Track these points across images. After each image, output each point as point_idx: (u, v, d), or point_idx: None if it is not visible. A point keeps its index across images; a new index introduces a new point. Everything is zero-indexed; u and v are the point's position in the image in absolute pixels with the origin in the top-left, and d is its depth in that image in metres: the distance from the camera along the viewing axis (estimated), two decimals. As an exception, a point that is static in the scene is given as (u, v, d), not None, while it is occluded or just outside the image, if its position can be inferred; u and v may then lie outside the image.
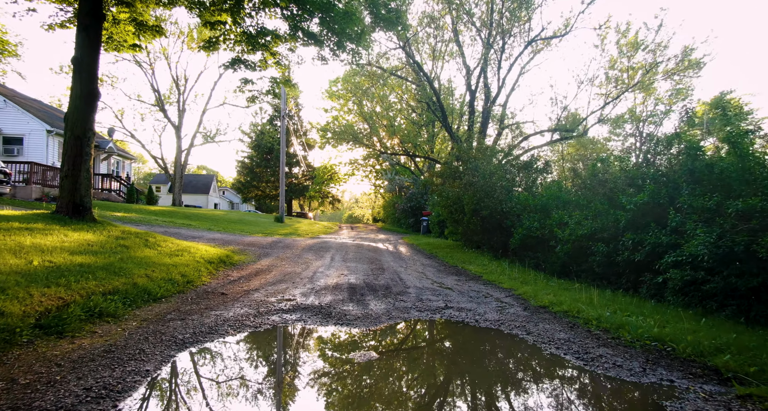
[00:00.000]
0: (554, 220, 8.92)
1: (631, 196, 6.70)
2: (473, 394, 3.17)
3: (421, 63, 25.33)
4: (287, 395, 3.09)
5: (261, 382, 3.27)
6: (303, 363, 3.73)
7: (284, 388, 3.20)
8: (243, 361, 3.69)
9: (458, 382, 3.42)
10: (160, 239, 9.07)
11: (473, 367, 3.62)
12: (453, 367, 3.71)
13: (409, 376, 3.58)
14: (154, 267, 6.56)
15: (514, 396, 3.07)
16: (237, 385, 3.18)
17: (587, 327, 4.56)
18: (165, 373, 3.24)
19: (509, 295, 6.74)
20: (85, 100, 8.53)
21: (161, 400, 2.86)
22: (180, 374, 3.29)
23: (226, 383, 3.19)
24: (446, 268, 10.27)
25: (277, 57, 10.55)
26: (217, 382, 3.20)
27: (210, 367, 3.50)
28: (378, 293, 6.77)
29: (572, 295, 6.21)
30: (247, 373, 3.40)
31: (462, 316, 5.39)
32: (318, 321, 5.03)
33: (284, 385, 3.26)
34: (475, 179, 12.11)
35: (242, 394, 3.04)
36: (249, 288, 6.79)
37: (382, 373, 3.55)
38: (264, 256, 10.70)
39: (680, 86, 30.53)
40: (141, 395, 2.83)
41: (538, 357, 3.82)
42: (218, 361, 3.65)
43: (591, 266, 7.75)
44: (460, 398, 3.14)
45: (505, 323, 4.99)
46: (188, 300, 5.64)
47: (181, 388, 3.08)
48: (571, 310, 5.19)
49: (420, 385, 3.39)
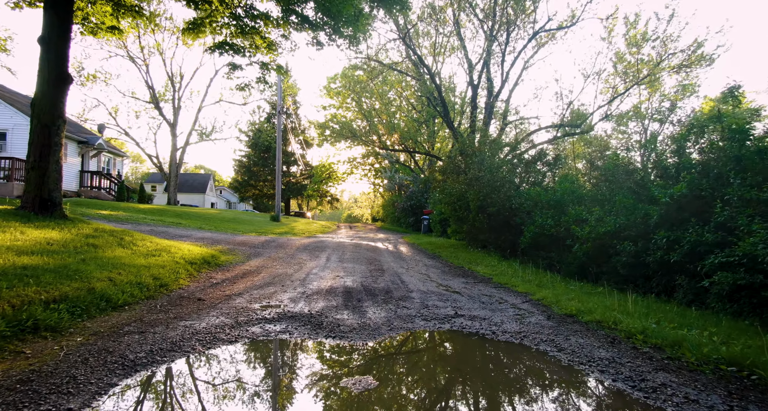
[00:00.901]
0: (571, 216, 8.13)
1: (665, 188, 5.91)
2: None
3: (422, 56, 24.52)
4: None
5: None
6: (281, 393, 2.93)
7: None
8: (204, 391, 2.88)
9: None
10: (137, 238, 8.27)
11: (499, 396, 2.83)
12: (473, 399, 2.91)
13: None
14: (123, 269, 5.76)
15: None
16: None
17: (632, 342, 3.76)
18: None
19: (526, 301, 5.94)
20: (53, 85, 7.72)
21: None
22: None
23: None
24: (451, 270, 9.47)
25: (267, 41, 9.73)
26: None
27: (159, 400, 2.70)
28: (377, 298, 5.97)
29: (600, 300, 5.42)
30: (208, 409, 2.60)
31: (476, 327, 4.59)
32: (306, 333, 4.23)
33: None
34: (482, 174, 11.31)
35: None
36: (232, 292, 5.99)
37: (383, 408, 2.75)
38: (254, 256, 9.90)
39: (686, 82, 29.82)
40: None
41: (580, 385, 3.03)
42: (172, 390, 2.85)
43: (614, 267, 6.97)
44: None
45: (529, 336, 4.19)
46: (156, 307, 4.84)
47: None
48: (605, 320, 4.39)
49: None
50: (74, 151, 22.07)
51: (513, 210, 10.65)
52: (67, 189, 21.22)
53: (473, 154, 12.45)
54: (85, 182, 22.81)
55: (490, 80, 23.41)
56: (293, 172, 54.72)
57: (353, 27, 10.06)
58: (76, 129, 24.55)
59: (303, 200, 59.88)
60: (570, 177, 10.67)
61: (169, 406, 2.62)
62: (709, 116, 6.35)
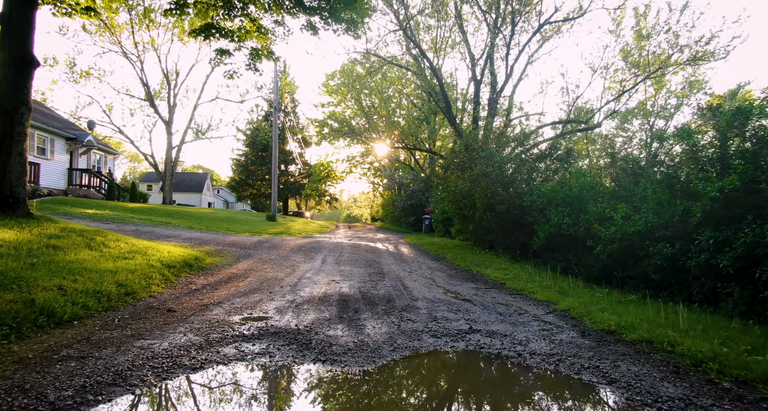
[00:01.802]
0: (592, 214, 7.33)
1: (712, 181, 5.11)
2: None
3: (423, 49, 23.69)
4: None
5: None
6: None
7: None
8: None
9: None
10: (111, 238, 7.47)
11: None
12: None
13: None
14: (82, 274, 4.96)
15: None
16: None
17: (703, 373, 2.96)
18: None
19: (550, 311, 5.15)
20: (14, 68, 6.91)
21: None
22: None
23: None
24: (458, 273, 8.67)
25: (258, 24, 8.92)
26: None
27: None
28: (377, 308, 5.18)
29: (639, 312, 4.62)
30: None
31: (497, 346, 3.80)
32: (291, 355, 3.45)
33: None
34: (490, 169, 10.50)
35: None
36: (210, 301, 5.20)
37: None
38: (244, 257, 9.11)
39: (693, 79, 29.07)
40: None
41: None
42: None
43: (644, 271, 6.17)
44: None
45: (565, 360, 3.40)
46: (113, 322, 4.04)
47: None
48: (656, 340, 3.60)
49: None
50: (62, 148, 21.25)
51: (524, 208, 9.85)
52: (55, 187, 20.41)
53: (480, 149, 11.65)
54: (74, 180, 21.98)
55: (494, 75, 22.62)
56: (291, 171, 53.88)
57: (350, 10, 9.26)
58: (65, 125, 23.72)
59: (301, 200, 59.08)
60: (583, 171, 9.87)
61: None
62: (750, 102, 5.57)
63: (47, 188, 19.34)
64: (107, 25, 32.17)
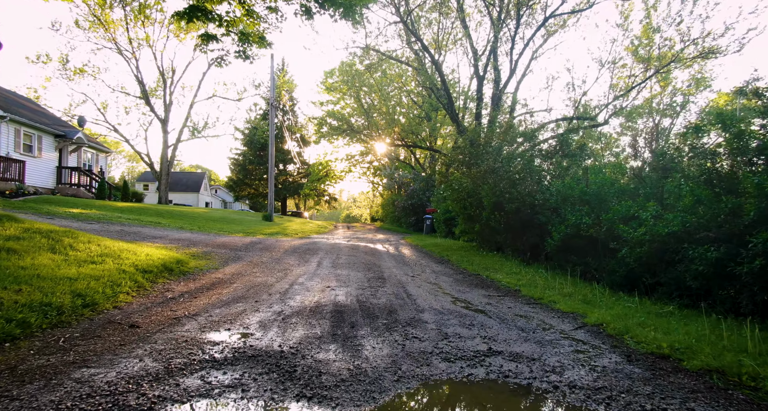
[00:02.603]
0: (615, 213, 6.60)
1: (761, 175, 4.39)
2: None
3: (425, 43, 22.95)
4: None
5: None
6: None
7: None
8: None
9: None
10: (82, 240, 6.74)
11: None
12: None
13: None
14: (32, 283, 4.24)
15: None
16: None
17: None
18: None
19: (579, 327, 4.41)
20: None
21: None
22: None
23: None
24: (466, 278, 7.94)
25: (247, 5, 8.20)
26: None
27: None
28: (377, 322, 4.45)
29: (689, 328, 3.90)
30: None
31: (525, 375, 3.08)
32: (269, 388, 2.73)
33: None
34: (498, 165, 9.78)
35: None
36: (185, 312, 4.48)
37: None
38: (233, 260, 8.39)
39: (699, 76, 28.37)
40: None
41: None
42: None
43: (678, 278, 5.44)
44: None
45: (617, 398, 2.67)
46: (55, 343, 3.32)
47: None
48: (729, 370, 2.88)
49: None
50: (50, 146, 20.49)
51: (535, 207, 9.12)
52: (42, 186, 19.66)
53: (486, 144, 10.92)
54: (63, 179, 21.22)
55: (497, 70, 21.89)
56: (290, 170, 53.10)
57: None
58: (53, 121, 22.97)
59: (300, 200, 58.33)
60: (600, 167, 9.15)
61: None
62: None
63: (33, 187, 18.59)
64: (101, 20, 31.46)
